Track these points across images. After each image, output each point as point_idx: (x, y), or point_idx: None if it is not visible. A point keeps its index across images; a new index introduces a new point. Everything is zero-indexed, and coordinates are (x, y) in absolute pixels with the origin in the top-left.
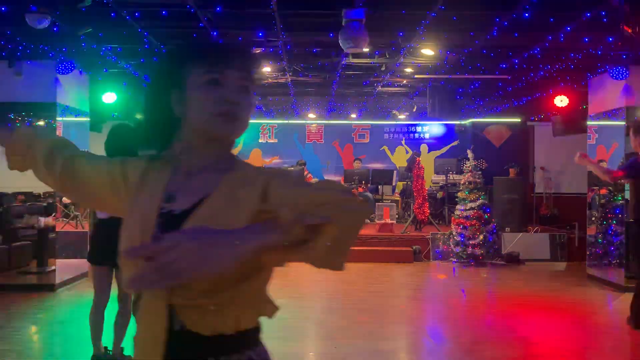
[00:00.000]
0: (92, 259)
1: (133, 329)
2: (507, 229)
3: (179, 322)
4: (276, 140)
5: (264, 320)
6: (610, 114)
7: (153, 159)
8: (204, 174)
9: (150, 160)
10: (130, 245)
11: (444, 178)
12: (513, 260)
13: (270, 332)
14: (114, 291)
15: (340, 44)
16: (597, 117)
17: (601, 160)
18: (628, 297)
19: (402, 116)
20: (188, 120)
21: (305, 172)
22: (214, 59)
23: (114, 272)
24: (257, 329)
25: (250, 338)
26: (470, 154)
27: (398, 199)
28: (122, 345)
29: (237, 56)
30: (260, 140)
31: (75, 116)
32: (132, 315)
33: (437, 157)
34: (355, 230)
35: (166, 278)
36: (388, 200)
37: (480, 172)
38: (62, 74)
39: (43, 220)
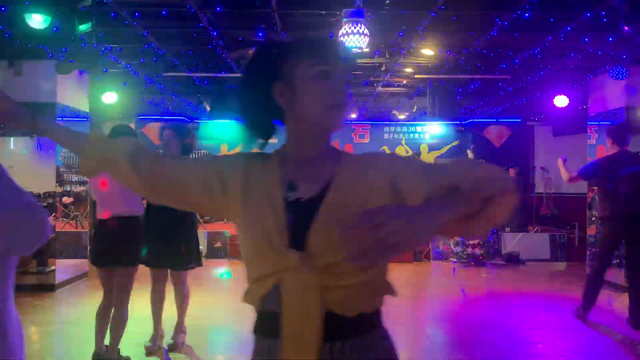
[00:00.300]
0: (95, 262)
1: (129, 330)
2: (507, 229)
3: (324, 303)
4: (276, 141)
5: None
6: (610, 114)
7: (250, 153)
8: (317, 162)
9: (248, 155)
10: (267, 235)
11: None
12: (513, 260)
13: None
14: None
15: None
16: (597, 117)
17: None
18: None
19: (402, 116)
20: (295, 112)
21: None
22: (324, 51)
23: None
24: (380, 310)
25: (380, 317)
26: (470, 154)
27: None
28: (118, 347)
29: (342, 48)
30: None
31: (75, 116)
32: (127, 317)
33: (437, 157)
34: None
35: (385, 251)
36: None
37: None
38: (62, 74)
39: None
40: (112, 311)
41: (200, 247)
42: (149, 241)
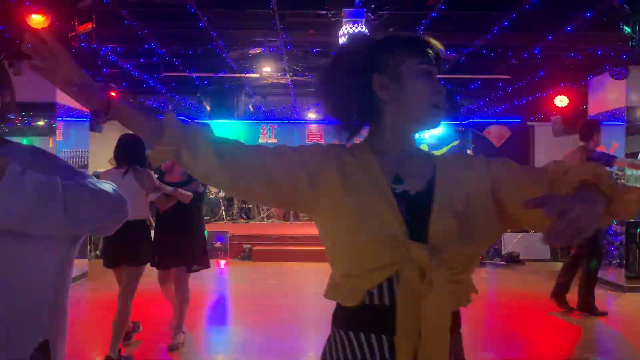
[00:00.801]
0: (107, 265)
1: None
2: (508, 230)
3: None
4: (276, 140)
5: (265, 322)
6: (610, 114)
7: (335, 145)
8: (413, 158)
9: (335, 147)
10: (388, 227)
11: None
12: (513, 260)
13: (270, 331)
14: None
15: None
16: (597, 117)
17: None
18: (629, 297)
19: None
20: (397, 106)
21: None
22: (429, 51)
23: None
24: None
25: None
26: (470, 154)
27: None
28: (119, 347)
29: (439, 51)
30: (260, 140)
31: (76, 116)
32: (130, 314)
33: None
34: None
35: (576, 234)
36: None
37: None
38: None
39: None
40: (118, 309)
41: None
42: (156, 243)
